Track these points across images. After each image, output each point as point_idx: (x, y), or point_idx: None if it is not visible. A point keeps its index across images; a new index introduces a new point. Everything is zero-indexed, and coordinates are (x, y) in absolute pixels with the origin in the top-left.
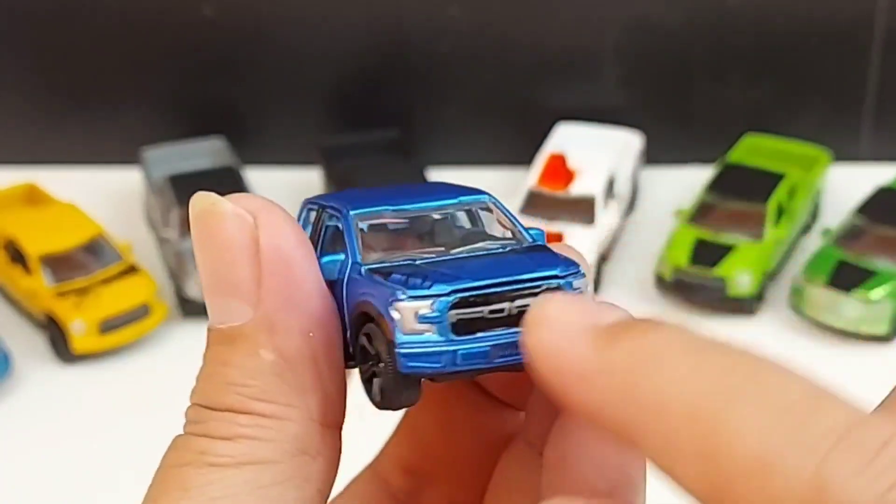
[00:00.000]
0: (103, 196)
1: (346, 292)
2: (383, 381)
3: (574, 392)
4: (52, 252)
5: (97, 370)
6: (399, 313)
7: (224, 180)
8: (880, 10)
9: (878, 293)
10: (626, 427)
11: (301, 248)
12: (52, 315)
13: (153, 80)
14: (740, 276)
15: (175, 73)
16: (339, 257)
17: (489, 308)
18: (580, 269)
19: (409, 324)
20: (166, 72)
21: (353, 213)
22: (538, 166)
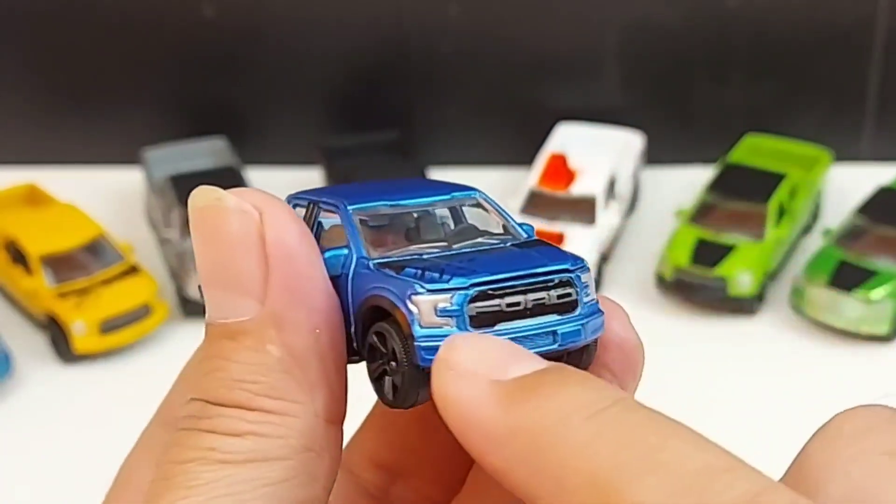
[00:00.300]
0: (104, 196)
1: (353, 287)
2: (397, 379)
3: (480, 451)
4: (53, 252)
5: (98, 370)
6: (417, 307)
7: (225, 180)
8: (881, 10)
9: (878, 293)
10: (529, 491)
11: (306, 244)
12: (53, 315)
13: (154, 81)
14: (741, 275)
15: (176, 74)
16: (342, 252)
17: (506, 301)
18: (586, 264)
19: (427, 317)
20: (167, 72)
21: (351, 208)
22: (539, 166)
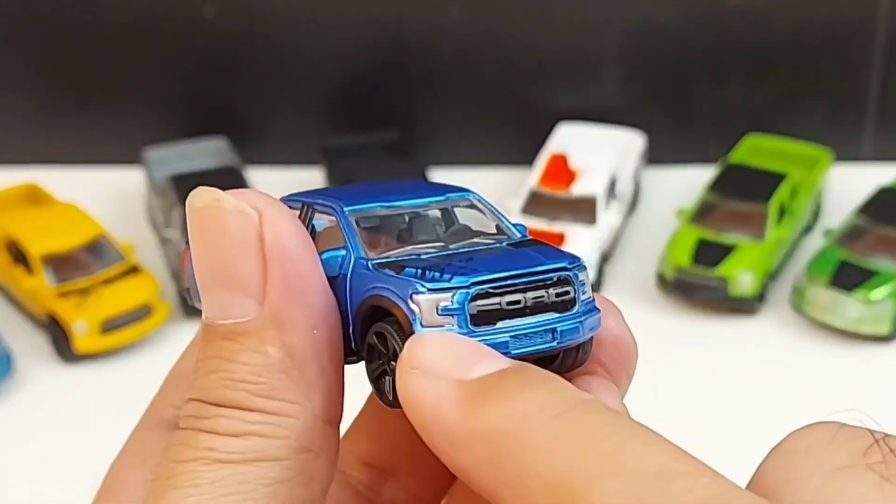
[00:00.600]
0: (105, 196)
1: (351, 287)
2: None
3: (443, 452)
4: (54, 252)
5: (99, 370)
6: (418, 306)
7: (226, 180)
8: (882, 10)
9: (879, 293)
10: (492, 492)
11: (304, 244)
12: (54, 315)
13: (155, 80)
14: (742, 275)
15: (177, 74)
16: (339, 253)
17: (507, 299)
18: (582, 262)
19: (429, 316)
20: (168, 72)
21: (347, 209)
22: (540, 166)
